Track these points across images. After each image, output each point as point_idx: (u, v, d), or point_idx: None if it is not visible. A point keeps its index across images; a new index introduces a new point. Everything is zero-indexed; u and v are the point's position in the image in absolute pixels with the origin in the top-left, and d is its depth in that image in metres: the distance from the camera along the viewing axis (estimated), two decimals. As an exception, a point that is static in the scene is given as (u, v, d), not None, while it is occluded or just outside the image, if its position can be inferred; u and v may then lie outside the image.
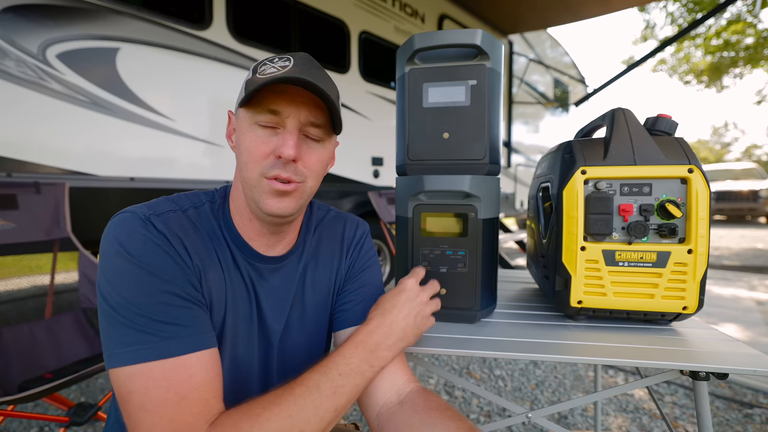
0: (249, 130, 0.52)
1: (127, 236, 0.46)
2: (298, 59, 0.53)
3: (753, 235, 7.88)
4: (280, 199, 0.52)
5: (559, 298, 0.78)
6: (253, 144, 0.51)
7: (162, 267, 0.46)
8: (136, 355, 0.42)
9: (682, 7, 9.23)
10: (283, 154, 0.50)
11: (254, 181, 0.52)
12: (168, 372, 0.42)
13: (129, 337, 0.43)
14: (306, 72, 0.51)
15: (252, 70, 0.53)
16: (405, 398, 0.53)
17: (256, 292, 0.57)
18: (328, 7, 2.95)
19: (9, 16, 1.63)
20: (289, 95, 0.51)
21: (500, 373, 2.08)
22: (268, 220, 0.55)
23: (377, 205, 2.76)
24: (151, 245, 0.46)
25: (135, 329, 0.43)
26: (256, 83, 0.49)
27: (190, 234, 0.51)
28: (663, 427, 1.59)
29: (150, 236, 0.47)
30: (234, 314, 0.54)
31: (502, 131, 1.33)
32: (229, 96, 2.36)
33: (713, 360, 0.61)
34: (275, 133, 0.52)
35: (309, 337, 0.63)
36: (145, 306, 0.44)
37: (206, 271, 0.51)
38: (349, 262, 0.67)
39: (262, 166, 0.51)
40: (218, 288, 0.52)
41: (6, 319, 2.86)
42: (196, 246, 0.51)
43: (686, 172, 0.68)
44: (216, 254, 0.54)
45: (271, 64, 0.52)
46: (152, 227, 0.48)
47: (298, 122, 0.52)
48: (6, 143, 1.64)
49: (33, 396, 0.93)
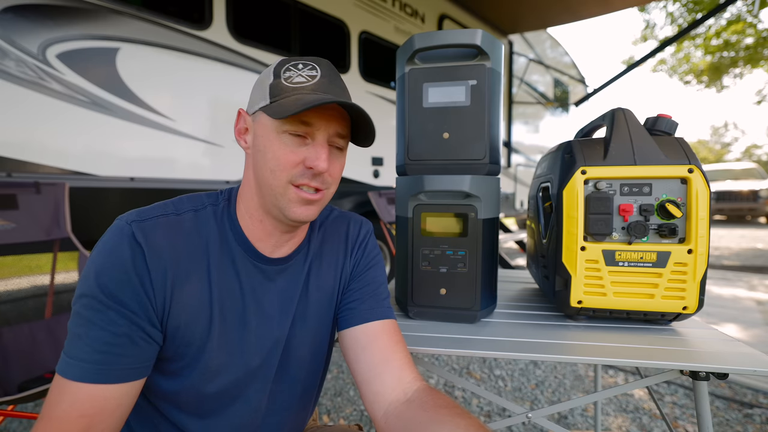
0: (277, 138, 0.52)
1: (108, 257, 0.47)
2: (324, 69, 0.54)
3: (753, 235, 7.88)
4: (306, 207, 0.54)
5: (559, 298, 0.78)
6: (282, 152, 0.52)
7: (123, 300, 0.47)
8: (62, 365, 0.45)
9: (682, 7, 9.22)
10: (317, 167, 0.51)
11: (281, 189, 0.52)
12: (75, 393, 0.45)
13: (68, 346, 0.46)
14: (334, 83, 0.53)
15: (273, 73, 0.53)
16: (412, 396, 0.53)
17: (257, 295, 0.57)
18: (328, 7, 2.95)
19: (9, 16, 1.63)
20: (322, 109, 0.52)
21: (500, 373, 2.08)
22: (288, 223, 0.55)
23: (377, 205, 2.76)
24: (122, 276, 0.47)
25: (74, 338, 0.46)
26: (288, 95, 0.51)
27: (175, 243, 0.51)
28: (663, 427, 1.59)
29: (125, 261, 0.47)
30: (222, 321, 0.54)
31: (502, 131, 1.33)
32: (229, 96, 2.36)
33: (713, 360, 0.61)
34: (304, 143, 0.52)
35: (313, 337, 0.63)
36: (90, 326, 0.46)
37: (181, 284, 0.51)
38: (353, 261, 0.67)
39: (291, 175, 0.52)
40: (198, 297, 0.52)
41: (6, 319, 2.87)
42: (176, 256, 0.50)
43: (686, 172, 0.68)
44: (206, 261, 0.53)
45: (297, 72, 0.53)
46: (133, 241, 0.48)
47: (328, 135, 0.53)
48: (6, 143, 1.64)
49: (33, 396, 0.93)
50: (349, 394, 1.85)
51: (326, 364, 0.68)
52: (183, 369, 0.52)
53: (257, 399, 0.58)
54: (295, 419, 0.64)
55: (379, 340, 0.59)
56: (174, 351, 0.51)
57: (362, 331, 0.60)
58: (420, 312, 0.82)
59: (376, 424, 0.54)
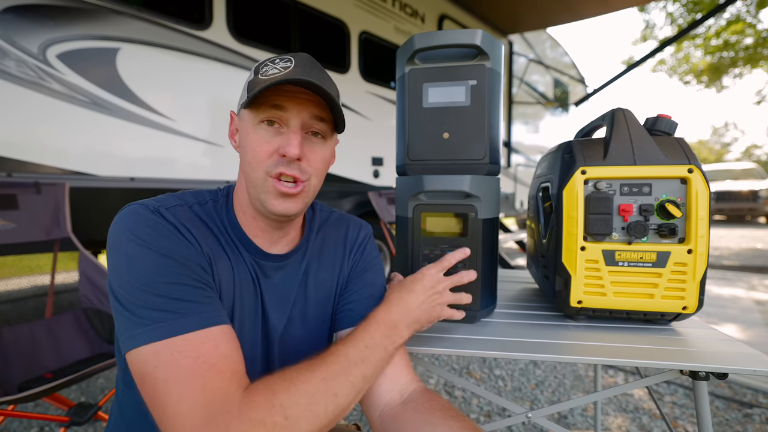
0: (253, 130, 0.53)
1: (137, 224, 0.47)
2: (299, 60, 0.54)
3: (753, 235, 7.88)
4: (285, 200, 0.54)
5: (559, 298, 0.78)
6: (257, 143, 0.52)
7: (175, 249, 0.47)
8: (158, 332, 0.42)
9: (682, 7, 9.23)
10: (288, 153, 0.51)
11: (260, 181, 0.53)
12: (193, 344, 0.43)
13: (148, 318, 0.43)
14: (307, 72, 0.52)
15: (253, 71, 0.54)
16: (408, 398, 0.54)
17: (260, 287, 0.58)
18: (328, 7, 2.95)
19: (9, 16, 1.63)
20: (292, 94, 0.52)
21: (500, 373, 2.08)
22: (272, 218, 0.56)
23: (377, 205, 2.76)
24: (163, 230, 0.48)
25: (153, 309, 0.43)
26: (260, 84, 0.50)
27: (198, 226, 0.53)
28: (663, 427, 1.59)
29: (161, 223, 0.48)
30: (241, 307, 0.55)
31: (502, 131, 1.33)
32: (229, 96, 2.36)
33: (713, 360, 0.61)
34: (279, 133, 0.53)
35: (311, 336, 0.63)
36: (162, 286, 0.44)
37: (216, 261, 0.52)
38: (352, 263, 0.68)
39: (266, 165, 0.52)
40: (227, 279, 0.53)
41: (6, 319, 2.87)
42: (205, 237, 0.52)
43: (686, 172, 0.68)
44: (223, 247, 0.55)
45: (273, 65, 0.53)
46: (161, 217, 0.49)
47: (301, 121, 0.53)
48: (6, 143, 1.64)
49: (33, 396, 0.93)
50: (349, 394, 1.85)
51: None
52: None
53: None
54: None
55: None
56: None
57: None
58: (420, 312, 0.81)
59: (372, 425, 0.55)
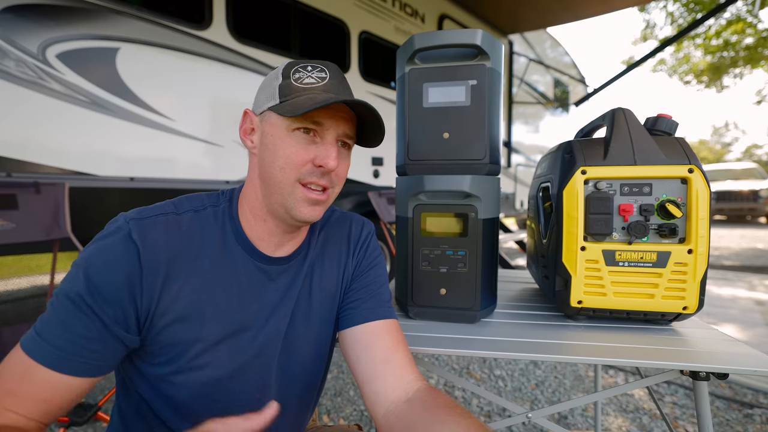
0: (287, 135, 0.53)
1: (95, 257, 0.47)
2: (332, 72, 0.56)
3: (753, 235, 7.88)
4: (313, 207, 0.55)
5: (559, 298, 0.78)
6: (292, 150, 0.53)
7: (100, 300, 0.46)
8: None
9: (682, 7, 9.22)
10: (327, 164, 0.52)
11: (289, 187, 0.53)
12: (19, 367, 0.45)
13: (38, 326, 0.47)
14: (342, 85, 0.55)
15: (282, 74, 0.54)
16: (413, 396, 0.53)
17: (264, 291, 0.57)
18: (328, 7, 2.95)
19: (9, 16, 1.63)
20: (333, 112, 0.53)
21: (500, 373, 2.08)
22: (293, 223, 0.56)
23: (377, 205, 2.76)
24: (106, 276, 0.47)
25: (46, 324, 0.46)
26: (297, 93, 0.52)
27: (172, 240, 0.51)
28: (663, 427, 1.59)
29: (111, 264, 0.47)
30: (217, 321, 0.53)
31: (502, 131, 1.33)
32: (229, 96, 2.36)
33: (713, 360, 0.61)
34: (313, 142, 0.54)
35: (316, 336, 0.63)
36: (62, 324, 0.46)
37: (174, 284, 0.50)
38: (355, 261, 0.68)
39: (300, 173, 0.53)
40: (191, 298, 0.52)
41: (6, 319, 2.87)
42: (172, 253, 0.50)
43: (686, 172, 0.68)
44: (204, 261, 0.53)
45: (307, 73, 0.54)
46: (131, 242, 0.48)
47: (337, 134, 0.55)
48: (6, 143, 1.64)
49: (33, 396, 0.93)
50: (349, 394, 1.85)
51: (327, 365, 0.68)
52: (174, 369, 0.52)
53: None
54: (295, 419, 0.64)
55: (380, 339, 0.59)
56: (162, 350, 0.51)
57: (363, 330, 0.60)
58: (420, 312, 0.82)
59: (377, 423, 0.54)
